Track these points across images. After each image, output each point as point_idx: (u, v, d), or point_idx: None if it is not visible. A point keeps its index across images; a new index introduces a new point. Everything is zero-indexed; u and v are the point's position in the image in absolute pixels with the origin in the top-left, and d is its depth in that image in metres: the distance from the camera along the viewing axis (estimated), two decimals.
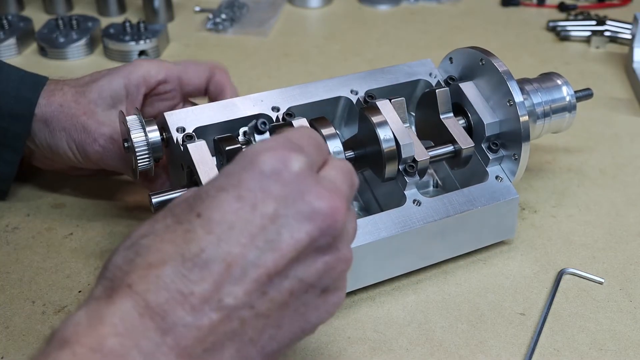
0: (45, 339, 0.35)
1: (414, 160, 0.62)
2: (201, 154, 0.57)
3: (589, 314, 0.61)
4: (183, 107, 0.71)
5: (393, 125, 0.61)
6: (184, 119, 0.61)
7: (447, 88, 0.66)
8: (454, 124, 0.65)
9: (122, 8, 1.20)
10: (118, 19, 1.14)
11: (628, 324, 0.60)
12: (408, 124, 0.65)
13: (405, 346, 0.57)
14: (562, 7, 1.22)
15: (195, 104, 0.72)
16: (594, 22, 1.13)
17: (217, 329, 0.36)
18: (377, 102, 0.62)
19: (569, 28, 1.13)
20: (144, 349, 0.35)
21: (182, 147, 0.59)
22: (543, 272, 0.65)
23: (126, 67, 0.67)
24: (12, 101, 0.66)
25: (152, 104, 0.69)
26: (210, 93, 0.70)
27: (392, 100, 0.63)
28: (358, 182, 0.44)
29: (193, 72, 0.69)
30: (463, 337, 0.58)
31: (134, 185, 0.73)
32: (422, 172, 0.63)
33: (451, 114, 0.66)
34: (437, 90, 0.65)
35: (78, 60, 1.05)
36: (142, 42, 1.03)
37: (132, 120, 0.60)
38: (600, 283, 0.64)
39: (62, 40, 1.04)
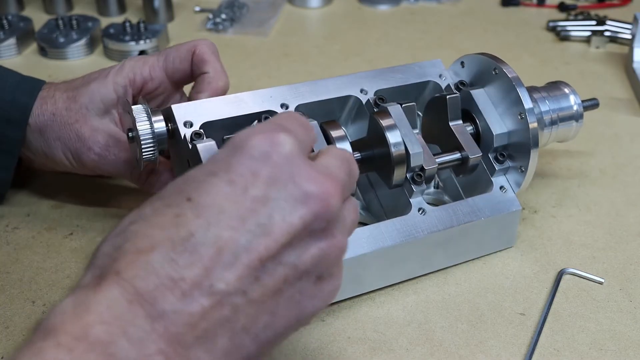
0: (31, 329, 0.35)
1: (422, 169, 0.62)
2: (210, 154, 0.56)
3: (589, 314, 0.61)
4: (180, 98, 0.70)
5: (403, 132, 0.60)
6: (192, 112, 0.60)
7: (458, 95, 0.65)
8: (463, 132, 0.65)
9: (122, 8, 1.20)
10: (118, 19, 1.14)
11: (628, 324, 0.60)
12: (418, 130, 0.65)
13: (405, 346, 0.57)
14: (562, 7, 1.22)
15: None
16: (594, 22, 1.13)
17: (209, 315, 0.36)
18: (388, 107, 0.62)
19: (569, 28, 1.13)
20: (132, 336, 0.34)
21: (190, 145, 0.58)
22: (543, 272, 0.65)
23: (114, 69, 0.66)
24: (8, 106, 0.66)
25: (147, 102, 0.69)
26: (193, 73, 0.67)
27: (403, 105, 0.63)
28: (357, 171, 0.44)
29: (175, 58, 0.67)
30: (463, 337, 0.58)
31: (134, 186, 0.73)
32: (430, 180, 0.63)
33: (460, 121, 0.65)
34: (447, 97, 0.65)
35: (78, 60, 1.05)
36: (142, 42, 1.03)
37: (138, 109, 0.59)
38: (600, 283, 0.64)
39: (62, 40, 1.04)
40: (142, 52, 1.03)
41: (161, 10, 1.15)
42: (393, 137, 0.60)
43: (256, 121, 0.62)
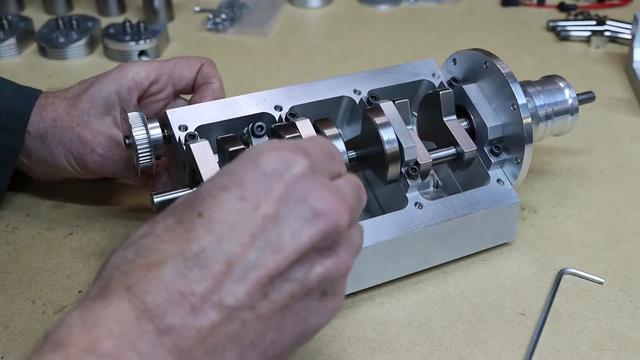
0: (39, 340, 0.35)
1: (417, 163, 0.62)
2: (204, 154, 0.57)
3: (589, 314, 0.61)
4: (174, 104, 0.71)
5: (396, 127, 0.61)
6: (187, 117, 0.61)
7: (451, 90, 0.66)
8: (457, 127, 0.65)
9: (122, 8, 1.20)
10: (118, 19, 1.14)
11: (628, 324, 0.60)
12: (411, 126, 0.65)
13: (405, 346, 0.57)
14: (562, 7, 1.22)
15: (186, 100, 0.72)
16: (594, 22, 1.13)
17: (218, 330, 0.36)
18: (380, 104, 0.62)
19: (569, 28, 1.13)
20: (141, 351, 0.34)
21: (184, 146, 0.59)
22: (543, 272, 0.65)
23: (115, 72, 0.67)
24: (5, 114, 0.66)
25: (145, 105, 0.69)
26: (197, 82, 0.69)
27: (395, 102, 0.63)
28: (366, 199, 0.44)
29: (184, 67, 0.69)
30: (463, 337, 0.58)
31: (134, 186, 0.73)
32: (425, 175, 0.63)
33: (454, 117, 0.66)
34: (440, 93, 0.65)
35: (78, 60, 1.05)
36: (142, 42, 1.03)
37: (134, 116, 0.60)
38: (600, 283, 0.64)
39: (62, 40, 1.04)
40: (142, 52, 1.03)
41: (161, 10, 1.15)
42: (386, 134, 0.60)
43: (250, 124, 0.63)
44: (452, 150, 0.65)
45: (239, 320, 0.36)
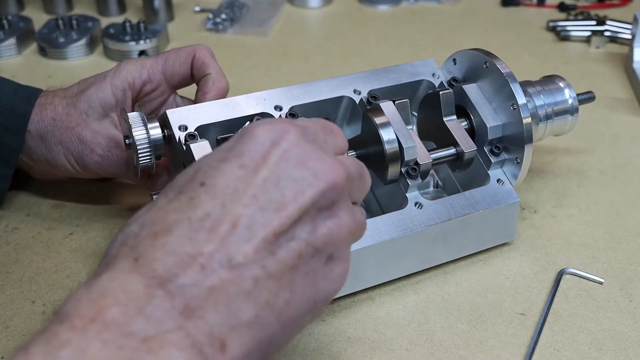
0: (46, 320, 0.35)
1: (417, 163, 0.62)
2: (204, 154, 0.57)
3: (589, 314, 0.61)
4: (173, 100, 0.71)
5: (396, 127, 0.61)
6: (187, 117, 0.61)
7: (451, 90, 0.66)
8: (457, 127, 0.65)
9: (122, 8, 1.20)
10: (118, 19, 1.14)
11: (628, 324, 0.60)
12: (411, 126, 0.65)
13: (405, 346, 0.57)
14: (562, 7, 1.22)
15: (187, 99, 0.72)
16: (594, 22, 1.13)
17: (229, 289, 0.36)
18: (380, 104, 0.62)
19: (569, 28, 1.13)
20: (150, 315, 0.34)
21: (184, 146, 0.59)
22: (543, 272, 0.65)
23: (111, 73, 0.67)
24: (6, 114, 0.66)
25: (143, 104, 0.69)
26: (195, 77, 0.68)
27: (395, 102, 0.63)
28: (370, 180, 0.45)
29: (174, 62, 0.68)
30: (463, 337, 0.58)
31: (134, 186, 0.73)
32: (424, 175, 0.63)
33: (454, 117, 0.66)
34: (440, 93, 0.65)
35: (78, 60, 1.05)
36: (142, 42, 1.03)
37: (134, 116, 0.60)
38: (600, 283, 0.64)
39: (62, 40, 1.04)
40: (142, 52, 1.03)
41: (161, 10, 1.15)
42: (386, 134, 0.60)
43: (248, 122, 0.63)
44: (452, 150, 0.65)
45: (251, 278, 0.37)
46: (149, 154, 0.60)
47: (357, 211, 0.44)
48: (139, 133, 0.60)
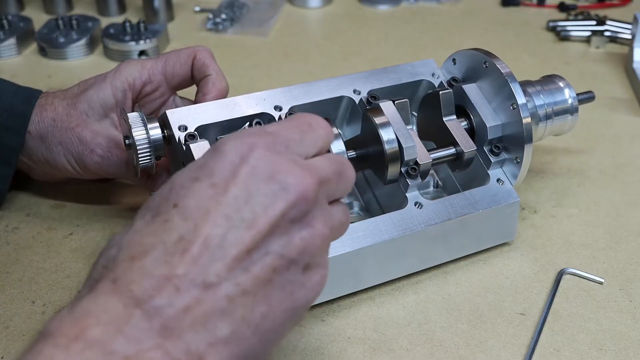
0: (33, 331, 0.36)
1: (416, 163, 0.62)
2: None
3: (589, 314, 0.61)
4: (173, 101, 0.71)
5: (396, 127, 0.61)
6: (186, 117, 0.61)
7: (451, 90, 0.66)
8: (457, 127, 0.65)
9: (122, 8, 1.20)
10: (118, 19, 1.14)
11: (628, 324, 0.60)
12: (411, 126, 0.65)
13: (405, 346, 0.57)
14: (562, 7, 1.22)
15: (187, 99, 0.72)
16: (594, 22, 1.13)
17: (204, 307, 0.37)
18: (380, 104, 0.62)
19: (569, 28, 1.13)
20: (129, 334, 0.35)
21: (184, 147, 0.59)
22: (543, 272, 0.65)
23: (111, 74, 0.67)
24: (6, 114, 0.66)
25: (143, 105, 0.69)
26: (195, 78, 0.69)
27: (395, 102, 0.63)
28: (353, 176, 0.45)
29: (175, 63, 0.68)
30: (463, 337, 0.58)
31: (134, 186, 0.73)
32: (424, 175, 0.63)
33: (454, 117, 0.66)
34: (440, 93, 0.65)
35: (78, 60, 1.05)
36: (142, 42, 1.03)
37: (134, 117, 0.60)
38: (600, 283, 0.64)
39: (62, 40, 1.04)
40: (142, 52, 1.03)
41: (161, 10, 1.15)
42: (386, 134, 0.60)
43: (247, 124, 0.63)
44: (452, 150, 0.65)
45: (225, 295, 0.38)
46: (148, 154, 0.60)
47: (337, 211, 0.44)
48: (138, 133, 0.60)
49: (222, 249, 0.38)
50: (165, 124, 0.61)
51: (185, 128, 0.60)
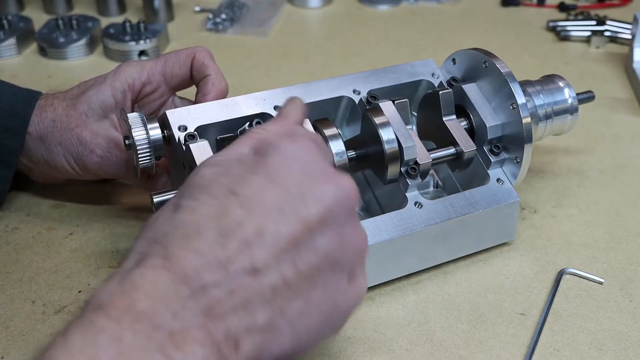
0: (79, 308, 0.37)
1: (416, 163, 0.62)
2: (204, 154, 0.57)
3: (589, 314, 0.61)
4: (172, 102, 0.71)
5: (395, 127, 0.61)
6: (186, 117, 0.61)
7: (450, 90, 0.66)
8: (457, 127, 0.65)
9: (122, 8, 1.20)
10: (118, 19, 1.14)
11: (628, 324, 0.60)
12: (411, 126, 0.65)
13: (405, 346, 0.57)
14: (562, 7, 1.22)
15: (186, 99, 0.72)
16: (594, 22, 1.13)
17: (249, 292, 0.38)
18: (380, 103, 0.62)
19: (569, 28, 1.13)
20: (175, 311, 0.36)
21: (184, 147, 0.59)
22: (543, 272, 0.65)
23: (110, 75, 0.67)
24: (6, 115, 0.66)
25: (142, 105, 0.69)
26: (194, 78, 0.69)
27: (395, 102, 0.63)
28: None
29: (174, 63, 0.68)
30: (463, 337, 0.58)
31: (134, 186, 0.73)
32: (424, 175, 0.63)
33: (454, 116, 0.66)
34: (440, 93, 0.65)
35: (78, 60, 1.05)
36: (142, 42, 1.03)
37: (134, 117, 0.60)
38: (600, 283, 0.64)
39: (62, 40, 1.04)
40: (142, 52, 1.03)
41: (161, 10, 1.15)
42: (386, 133, 0.60)
43: (247, 124, 0.63)
44: (452, 150, 0.65)
45: (268, 284, 0.39)
46: (148, 154, 0.60)
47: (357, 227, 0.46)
48: (138, 133, 0.60)
49: (272, 238, 0.40)
50: (165, 124, 0.61)
51: (185, 128, 0.60)
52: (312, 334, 0.42)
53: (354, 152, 0.63)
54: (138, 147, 0.60)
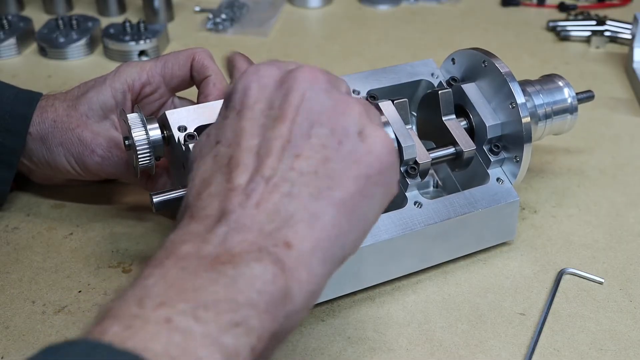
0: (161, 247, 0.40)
1: (416, 162, 0.62)
2: None
3: (589, 314, 0.61)
4: (172, 103, 0.71)
5: (395, 127, 0.61)
6: (186, 117, 0.61)
7: (450, 90, 0.66)
8: (456, 126, 0.65)
9: (122, 8, 1.20)
10: (118, 19, 1.14)
11: (628, 324, 0.60)
12: (410, 126, 0.65)
13: (405, 346, 0.57)
14: (562, 7, 1.22)
15: (186, 100, 0.72)
16: (594, 22, 1.13)
17: (272, 197, 0.40)
18: (379, 103, 0.62)
19: (569, 28, 1.13)
20: (214, 241, 0.39)
21: (184, 147, 0.59)
22: (543, 272, 0.65)
23: (110, 75, 0.67)
24: (7, 116, 0.66)
25: (142, 106, 0.69)
26: (195, 80, 0.69)
27: (394, 102, 0.63)
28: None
29: (174, 65, 0.68)
30: (463, 337, 0.58)
31: (134, 186, 0.73)
32: (424, 174, 0.63)
33: (453, 116, 0.66)
34: (439, 92, 0.65)
35: (78, 60, 1.05)
36: (142, 42, 1.03)
37: (133, 117, 0.60)
38: (600, 283, 0.64)
39: (62, 40, 1.04)
40: (142, 52, 1.03)
41: (161, 10, 1.15)
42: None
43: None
44: (452, 150, 0.65)
45: (285, 181, 0.41)
46: (148, 154, 0.60)
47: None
48: (138, 134, 0.60)
49: (265, 148, 0.42)
50: (164, 125, 0.61)
51: (185, 128, 0.60)
52: (357, 203, 0.42)
53: None
54: (138, 148, 0.60)
